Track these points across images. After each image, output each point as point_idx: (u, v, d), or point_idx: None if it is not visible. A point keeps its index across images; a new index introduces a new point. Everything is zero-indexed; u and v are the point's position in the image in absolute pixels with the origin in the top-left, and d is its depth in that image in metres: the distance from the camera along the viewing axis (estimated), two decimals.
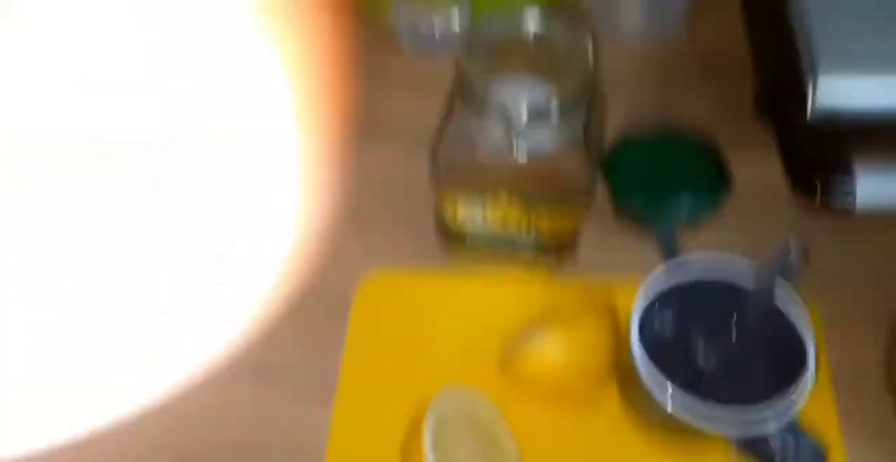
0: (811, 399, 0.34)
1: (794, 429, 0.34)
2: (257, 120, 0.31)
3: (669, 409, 0.34)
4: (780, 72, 0.51)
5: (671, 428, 0.38)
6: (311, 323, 0.46)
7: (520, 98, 0.35)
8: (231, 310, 0.46)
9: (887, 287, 0.46)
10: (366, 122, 0.50)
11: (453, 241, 0.45)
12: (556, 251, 0.43)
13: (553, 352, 0.39)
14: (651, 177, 0.47)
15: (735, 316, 0.37)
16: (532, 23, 0.38)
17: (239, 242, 0.36)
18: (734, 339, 0.38)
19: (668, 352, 0.39)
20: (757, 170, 0.50)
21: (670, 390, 0.34)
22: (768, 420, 0.33)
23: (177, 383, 0.42)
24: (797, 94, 0.48)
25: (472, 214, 0.41)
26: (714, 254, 0.37)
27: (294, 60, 0.33)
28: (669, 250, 0.47)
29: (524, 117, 0.35)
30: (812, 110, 0.48)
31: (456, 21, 0.54)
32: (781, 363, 0.37)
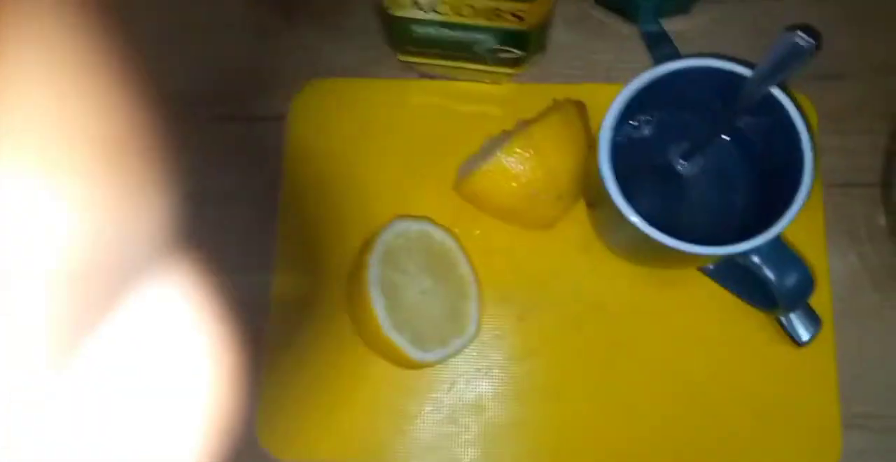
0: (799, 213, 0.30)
1: (779, 247, 0.31)
2: None
3: (643, 230, 0.30)
4: None
5: (640, 251, 0.35)
6: (247, 145, 0.41)
7: None
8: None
9: (891, 82, 0.40)
10: None
11: (399, 39, 0.38)
12: (521, 46, 0.37)
13: (514, 168, 0.34)
14: None
15: (724, 111, 0.32)
16: None
17: None
18: (720, 140, 0.33)
19: (645, 161, 0.35)
20: None
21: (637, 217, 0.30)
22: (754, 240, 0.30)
23: None
24: None
25: (419, 0, 0.34)
26: (708, 57, 0.31)
27: None
28: (657, 49, 0.40)
29: None
30: None
31: None
32: (771, 168, 0.33)
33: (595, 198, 0.36)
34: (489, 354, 0.37)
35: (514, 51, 0.37)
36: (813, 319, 0.36)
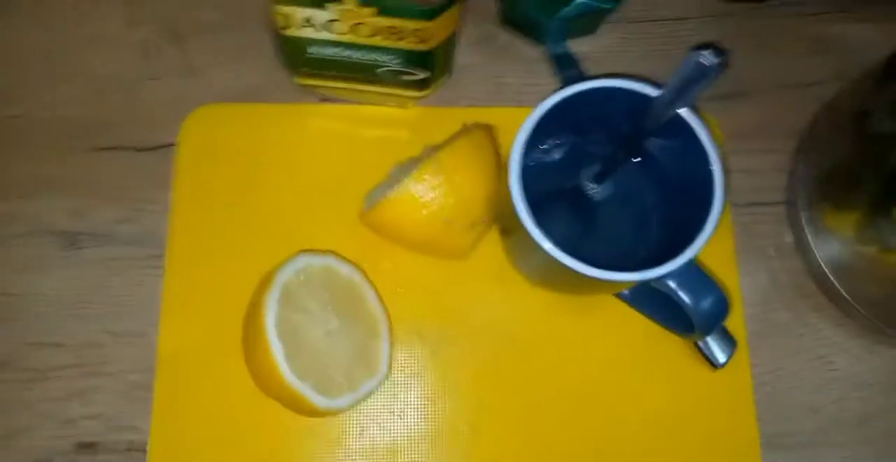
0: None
1: (693, 271, 0.30)
2: None
3: (556, 257, 0.29)
4: None
5: (555, 279, 0.34)
6: (130, 178, 0.37)
7: None
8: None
9: (793, 100, 0.41)
10: None
11: (294, 61, 0.35)
12: (425, 68, 0.35)
13: (424, 195, 0.33)
14: None
15: (633, 132, 0.31)
16: None
17: None
18: (631, 163, 0.32)
19: (557, 186, 0.33)
20: None
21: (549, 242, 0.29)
22: (669, 267, 0.29)
23: None
24: None
25: (312, 19, 0.32)
26: (615, 78, 0.30)
27: None
28: (564, 71, 0.40)
29: None
30: None
31: None
32: (683, 190, 0.32)
33: (508, 224, 0.34)
34: (402, 395, 0.35)
35: (419, 73, 0.36)
36: (728, 341, 0.35)
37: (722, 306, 0.31)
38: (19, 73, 0.38)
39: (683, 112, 0.30)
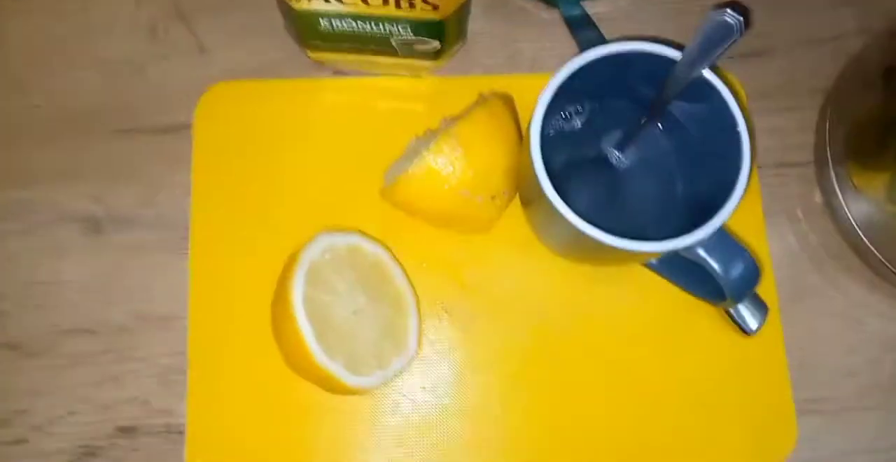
0: None
1: (722, 238, 0.29)
2: None
3: (581, 229, 0.28)
4: None
5: (581, 250, 0.33)
6: (149, 160, 0.37)
7: None
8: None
9: (817, 55, 0.40)
10: None
11: (306, 35, 0.35)
12: (438, 36, 0.34)
13: (443, 169, 0.32)
14: None
15: (655, 97, 0.30)
16: None
17: None
18: (654, 128, 0.32)
19: (579, 155, 0.33)
20: None
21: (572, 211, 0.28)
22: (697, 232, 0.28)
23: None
24: None
25: None
26: (635, 41, 0.29)
27: None
28: (581, 34, 0.39)
29: None
30: None
31: None
32: (708, 154, 0.31)
33: (530, 196, 0.34)
34: (433, 370, 0.35)
35: (432, 42, 0.35)
36: (760, 307, 0.35)
37: (753, 273, 0.30)
38: (34, 61, 0.38)
39: (706, 73, 0.29)
